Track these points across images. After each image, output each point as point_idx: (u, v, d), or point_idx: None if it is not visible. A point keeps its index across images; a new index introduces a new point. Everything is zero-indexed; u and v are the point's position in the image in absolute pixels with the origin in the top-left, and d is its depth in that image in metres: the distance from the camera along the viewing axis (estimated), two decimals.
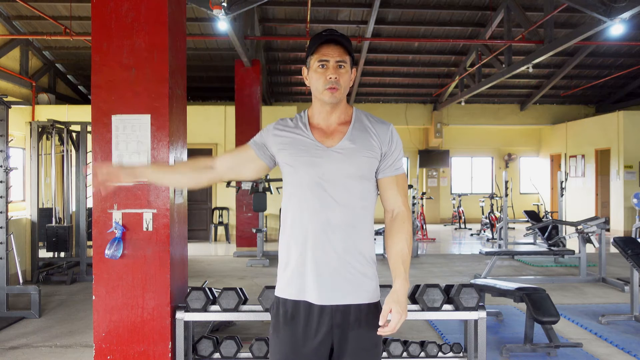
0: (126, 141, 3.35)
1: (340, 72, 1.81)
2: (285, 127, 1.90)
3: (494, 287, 4.52)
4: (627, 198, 11.72)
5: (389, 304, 1.73)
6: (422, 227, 11.50)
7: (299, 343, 1.78)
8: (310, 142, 1.83)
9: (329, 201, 1.79)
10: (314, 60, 1.82)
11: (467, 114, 14.74)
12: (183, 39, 3.73)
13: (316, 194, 1.80)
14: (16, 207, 9.62)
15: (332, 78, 1.79)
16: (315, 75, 1.82)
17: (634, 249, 5.03)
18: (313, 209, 1.79)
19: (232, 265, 8.18)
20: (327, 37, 1.81)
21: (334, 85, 1.79)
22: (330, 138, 1.85)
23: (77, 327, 4.83)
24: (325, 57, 1.80)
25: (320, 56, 1.80)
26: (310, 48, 1.84)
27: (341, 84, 1.81)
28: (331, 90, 1.80)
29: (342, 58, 1.80)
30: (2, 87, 10.14)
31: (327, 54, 1.80)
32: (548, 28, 8.79)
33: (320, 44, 1.80)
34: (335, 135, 1.85)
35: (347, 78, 1.83)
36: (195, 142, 10.43)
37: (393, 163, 1.88)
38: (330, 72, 1.79)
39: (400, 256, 1.82)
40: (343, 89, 1.82)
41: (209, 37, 10.26)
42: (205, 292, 3.43)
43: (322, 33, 1.83)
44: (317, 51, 1.81)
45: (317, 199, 1.79)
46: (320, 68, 1.81)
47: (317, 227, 1.79)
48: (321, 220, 1.79)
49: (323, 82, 1.80)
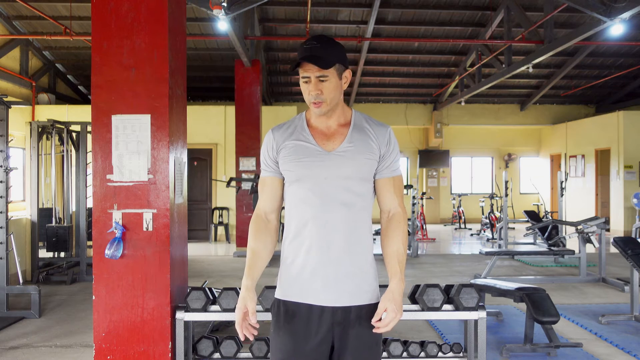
0: (126, 141, 3.35)
1: (323, 85, 1.81)
2: (284, 136, 1.90)
3: (494, 287, 4.52)
4: (627, 198, 11.72)
5: (384, 303, 1.78)
6: (422, 227, 11.50)
7: (300, 341, 1.79)
8: (312, 147, 1.85)
9: (331, 203, 1.81)
10: (300, 73, 1.84)
11: (467, 114, 14.74)
12: (183, 39, 3.73)
13: (318, 197, 1.81)
14: (16, 207, 9.62)
15: (312, 94, 1.81)
16: (302, 88, 1.86)
17: (634, 249, 5.03)
18: (315, 212, 1.81)
19: (232, 265, 8.18)
20: (306, 52, 1.79)
21: (316, 100, 1.81)
22: (331, 140, 1.86)
23: (77, 327, 4.83)
24: (306, 74, 1.81)
25: (302, 72, 1.82)
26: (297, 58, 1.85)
27: (325, 97, 1.82)
28: (315, 105, 1.83)
29: (322, 73, 1.80)
30: (2, 87, 10.14)
31: (307, 70, 1.81)
32: (548, 28, 8.79)
33: (301, 59, 1.80)
34: (336, 138, 1.87)
35: (332, 88, 1.82)
36: (195, 142, 10.44)
37: (391, 165, 1.90)
38: (311, 88, 1.81)
39: (396, 256, 1.85)
40: (329, 99, 1.83)
41: (209, 37, 10.26)
42: (205, 292, 3.43)
43: (303, 45, 1.82)
44: (299, 65, 1.82)
45: (319, 202, 1.81)
46: (304, 83, 1.84)
47: (320, 229, 1.80)
48: (323, 222, 1.80)
49: (307, 96, 1.84)
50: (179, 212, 3.54)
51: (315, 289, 1.80)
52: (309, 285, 1.80)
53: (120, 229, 3.29)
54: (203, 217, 11.28)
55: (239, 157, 9.74)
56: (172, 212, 3.39)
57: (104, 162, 3.35)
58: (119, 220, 3.31)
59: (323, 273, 1.80)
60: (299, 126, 1.90)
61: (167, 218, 3.34)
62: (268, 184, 1.95)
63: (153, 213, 3.34)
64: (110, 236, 3.30)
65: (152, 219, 3.33)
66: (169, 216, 3.35)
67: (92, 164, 3.36)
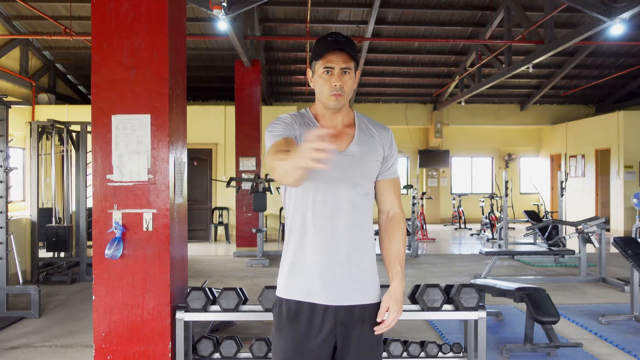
0: (126, 141, 3.35)
1: (345, 78, 1.81)
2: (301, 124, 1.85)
3: (494, 287, 4.52)
4: (627, 198, 11.71)
5: (386, 302, 1.82)
6: (422, 227, 11.50)
7: (303, 341, 1.79)
8: None
9: (336, 203, 1.81)
10: (319, 66, 1.82)
11: (467, 114, 14.75)
12: (183, 39, 3.73)
13: (325, 196, 1.81)
14: (16, 207, 9.62)
15: (336, 85, 1.80)
16: (320, 81, 1.83)
17: (634, 249, 5.03)
18: (321, 211, 1.81)
19: (232, 265, 8.18)
20: (332, 43, 1.80)
21: (338, 92, 1.81)
22: (339, 140, 1.86)
23: (77, 327, 4.83)
24: (331, 64, 1.80)
25: (325, 62, 1.80)
26: (315, 52, 1.84)
27: (345, 91, 1.82)
28: (336, 97, 1.82)
29: (347, 65, 1.81)
30: (2, 87, 10.14)
31: (332, 61, 1.80)
32: (548, 28, 8.79)
33: (325, 50, 1.80)
34: (344, 138, 1.87)
35: (351, 84, 1.84)
36: (195, 142, 10.44)
37: (392, 166, 1.93)
38: (335, 79, 1.80)
39: (396, 256, 1.87)
40: (347, 94, 1.84)
41: (209, 37, 10.26)
42: (205, 292, 3.42)
43: (327, 38, 1.82)
44: (323, 57, 1.81)
45: (325, 201, 1.81)
46: (325, 74, 1.82)
47: (326, 228, 1.80)
48: (330, 222, 1.80)
49: (328, 88, 1.82)
50: (179, 212, 3.54)
51: (320, 288, 1.80)
52: (314, 284, 1.80)
53: (120, 229, 3.29)
54: (203, 217, 11.28)
55: (239, 157, 9.74)
56: (172, 212, 3.39)
57: (104, 162, 3.35)
58: (119, 220, 3.31)
59: (329, 272, 1.80)
60: (309, 121, 1.89)
61: (167, 218, 3.34)
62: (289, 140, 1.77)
63: (153, 213, 3.34)
64: (110, 236, 3.30)
65: (152, 219, 3.33)
66: (169, 216, 3.34)
67: (92, 164, 3.36)
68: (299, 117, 1.90)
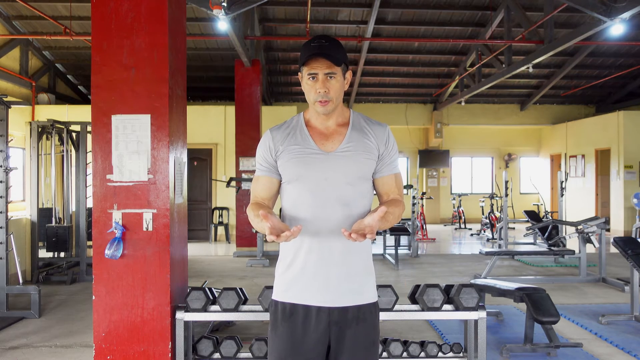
0: (126, 141, 3.35)
1: (330, 83, 1.80)
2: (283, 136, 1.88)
3: (494, 287, 4.52)
4: (627, 198, 11.72)
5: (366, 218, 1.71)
6: (422, 227, 11.50)
7: (297, 340, 1.80)
8: (311, 150, 1.84)
9: (331, 204, 1.81)
10: (305, 72, 1.81)
11: (467, 114, 14.74)
12: (183, 39, 3.73)
13: (318, 197, 1.81)
14: (16, 207, 9.62)
15: (320, 92, 1.79)
16: (307, 87, 1.83)
17: (634, 249, 5.03)
18: (315, 212, 1.81)
19: (232, 265, 8.18)
20: (315, 49, 1.78)
21: (323, 98, 1.80)
22: (330, 141, 1.86)
23: (77, 327, 4.83)
24: (314, 71, 1.79)
25: (309, 69, 1.79)
26: (300, 58, 1.83)
27: (331, 96, 1.80)
28: (321, 104, 1.81)
29: (331, 70, 1.79)
30: (2, 87, 10.14)
31: (315, 67, 1.78)
32: (548, 28, 8.79)
33: (309, 57, 1.78)
34: (335, 138, 1.87)
35: (338, 87, 1.82)
36: (195, 142, 10.44)
37: (391, 162, 1.91)
38: (319, 86, 1.79)
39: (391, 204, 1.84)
40: (335, 98, 1.82)
41: (209, 37, 10.26)
42: (205, 292, 3.43)
43: (310, 44, 1.80)
44: (306, 63, 1.80)
45: (319, 202, 1.81)
46: (310, 80, 1.81)
47: (320, 230, 1.80)
48: (323, 223, 1.80)
49: (314, 94, 1.81)
50: (179, 212, 3.54)
51: (314, 290, 1.80)
52: (308, 286, 1.81)
53: (120, 229, 3.30)
54: (203, 217, 11.28)
55: (239, 157, 9.75)
56: (172, 212, 3.39)
57: (104, 162, 3.35)
58: (119, 220, 3.32)
59: (323, 274, 1.80)
60: (298, 127, 1.89)
61: (167, 218, 3.34)
62: (262, 181, 1.91)
63: (153, 213, 3.34)
64: (110, 236, 3.30)
65: (152, 219, 3.33)
66: (169, 216, 3.35)
67: (92, 164, 3.36)
68: (286, 129, 1.89)
